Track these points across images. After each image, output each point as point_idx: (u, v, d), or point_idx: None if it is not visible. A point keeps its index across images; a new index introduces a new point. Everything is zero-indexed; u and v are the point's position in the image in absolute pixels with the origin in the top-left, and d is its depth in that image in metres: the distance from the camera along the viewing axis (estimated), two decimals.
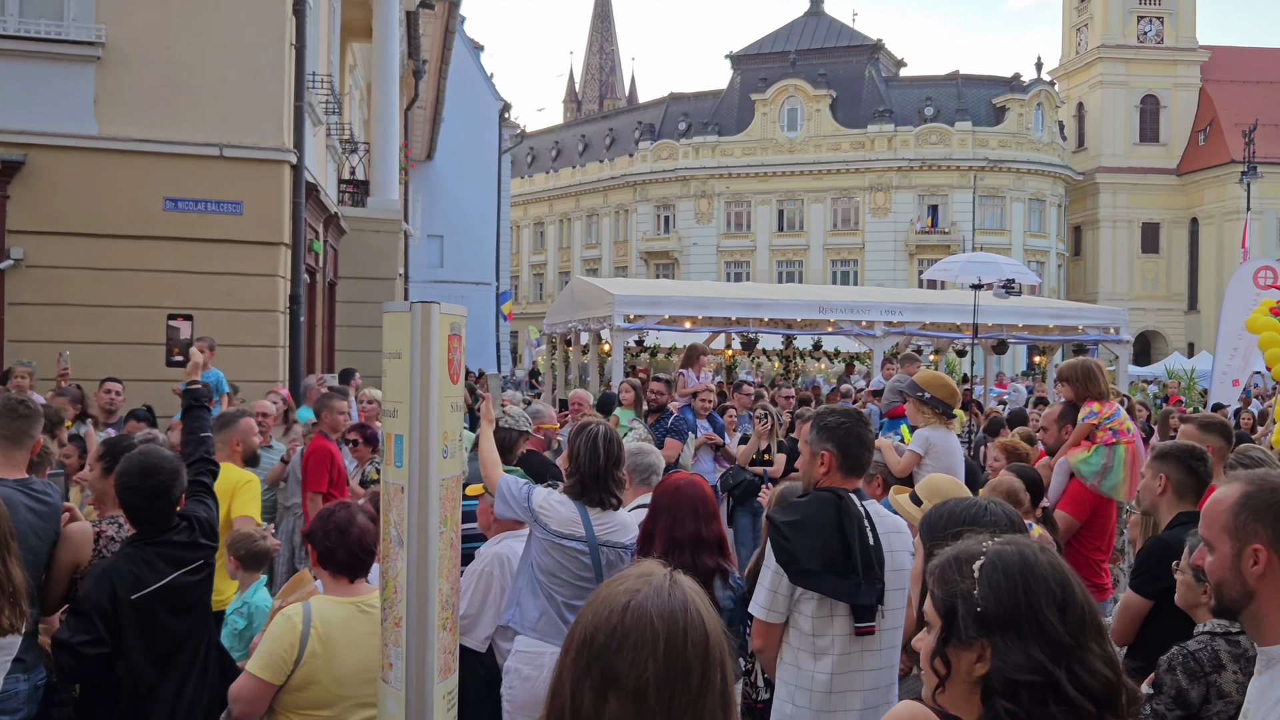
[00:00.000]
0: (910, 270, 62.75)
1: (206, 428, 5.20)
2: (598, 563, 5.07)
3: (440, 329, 3.36)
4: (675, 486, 5.03)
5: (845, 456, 4.37)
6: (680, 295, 18.86)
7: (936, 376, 7.24)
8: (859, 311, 18.92)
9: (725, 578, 4.93)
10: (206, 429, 5.20)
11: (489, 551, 5.49)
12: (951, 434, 7.14)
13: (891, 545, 4.36)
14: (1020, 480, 6.33)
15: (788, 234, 66.42)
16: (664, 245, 68.76)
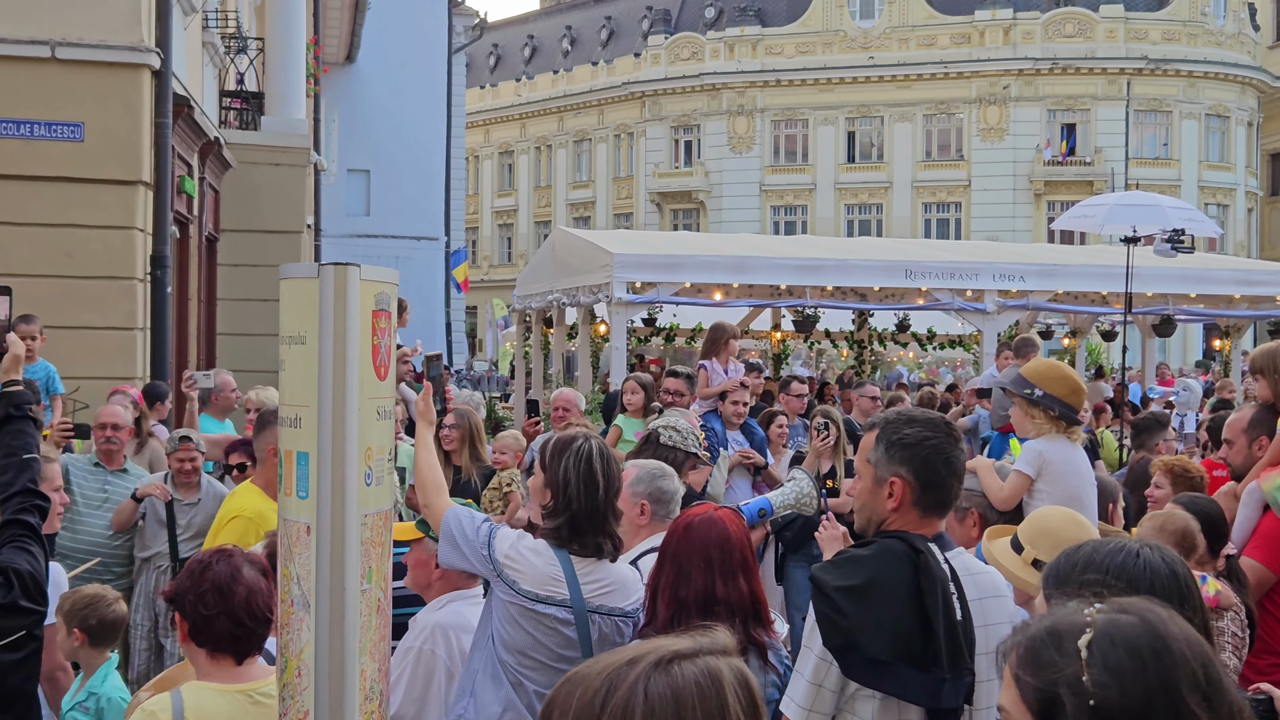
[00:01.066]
0: (1036, 217, 62.80)
1: (31, 446, 5.21)
2: (586, 637, 5.08)
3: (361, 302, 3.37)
4: (685, 525, 5.05)
5: (926, 487, 4.32)
6: (707, 254, 18.89)
7: (1053, 367, 7.23)
8: (962, 276, 18.94)
9: (763, 656, 4.94)
10: (31, 448, 5.21)
11: (429, 621, 5.49)
12: (1076, 448, 7.12)
13: (987, 617, 4.30)
14: (1193, 517, 6.35)
15: (861, 167, 66.48)
16: (684, 183, 68.86)
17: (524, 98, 78.19)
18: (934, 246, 24.53)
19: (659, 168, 69.78)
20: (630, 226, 70.13)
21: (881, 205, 66.09)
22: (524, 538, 5.18)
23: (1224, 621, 6.04)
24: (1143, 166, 63.26)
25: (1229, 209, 65.36)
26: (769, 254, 19.62)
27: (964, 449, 4.43)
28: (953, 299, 18.81)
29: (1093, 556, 2.94)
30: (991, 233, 61.20)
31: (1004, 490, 6.73)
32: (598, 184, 73.99)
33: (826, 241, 27.22)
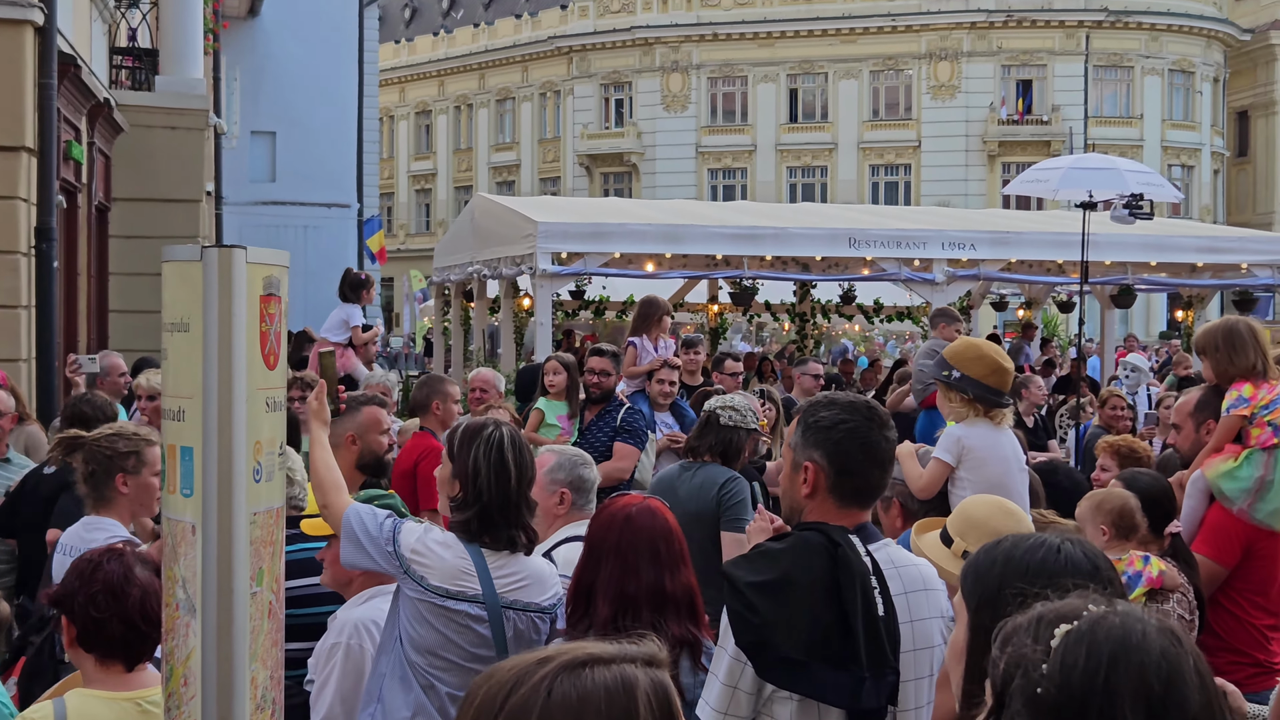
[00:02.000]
0: (990, 179, 63.25)
1: None
2: (500, 635, 5.12)
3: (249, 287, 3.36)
4: (625, 516, 5.07)
5: (841, 473, 4.33)
6: (638, 223, 18.93)
7: (971, 346, 7.27)
8: (910, 245, 19.06)
9: (698, 655, 4.99)
10: None
11: (351, 617, 5.52)
12: (1001, 432, 7.16)
13: (914, 612, 4.34)
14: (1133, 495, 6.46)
15: (804, 127, 66.70)
16: (615, 145, 68.87)
17: (442, 53, 77.89)
18: (880, 213, 24.63)
19: (588, 128, 69.72)
20: (557, 192, 70.10)
21: (826, 168, 66.35)
22: (431, 530, 5.21)
23: (1169, 604, 6.16)
24: (1103, 125, 63.80)
25: (1194, 170, 66.09)
26: (704, 222, 19.69)
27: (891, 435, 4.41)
28: (900, 269, 18.93)
29: (1012, 553, 2.99)
30: (943, 197, 61.53)
31: (922, 478, 6.77)
32: (522, 146, 73.86)
33: (766, 208, 27.26)
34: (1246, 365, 7.24)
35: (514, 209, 19.52)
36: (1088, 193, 16.09)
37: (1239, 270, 20.71)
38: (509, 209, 19.77)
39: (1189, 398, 7.67)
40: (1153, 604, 6.17)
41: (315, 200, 43.14)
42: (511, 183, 73.71)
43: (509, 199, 25.34)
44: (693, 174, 67.32)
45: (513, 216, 19.00)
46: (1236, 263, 20.67)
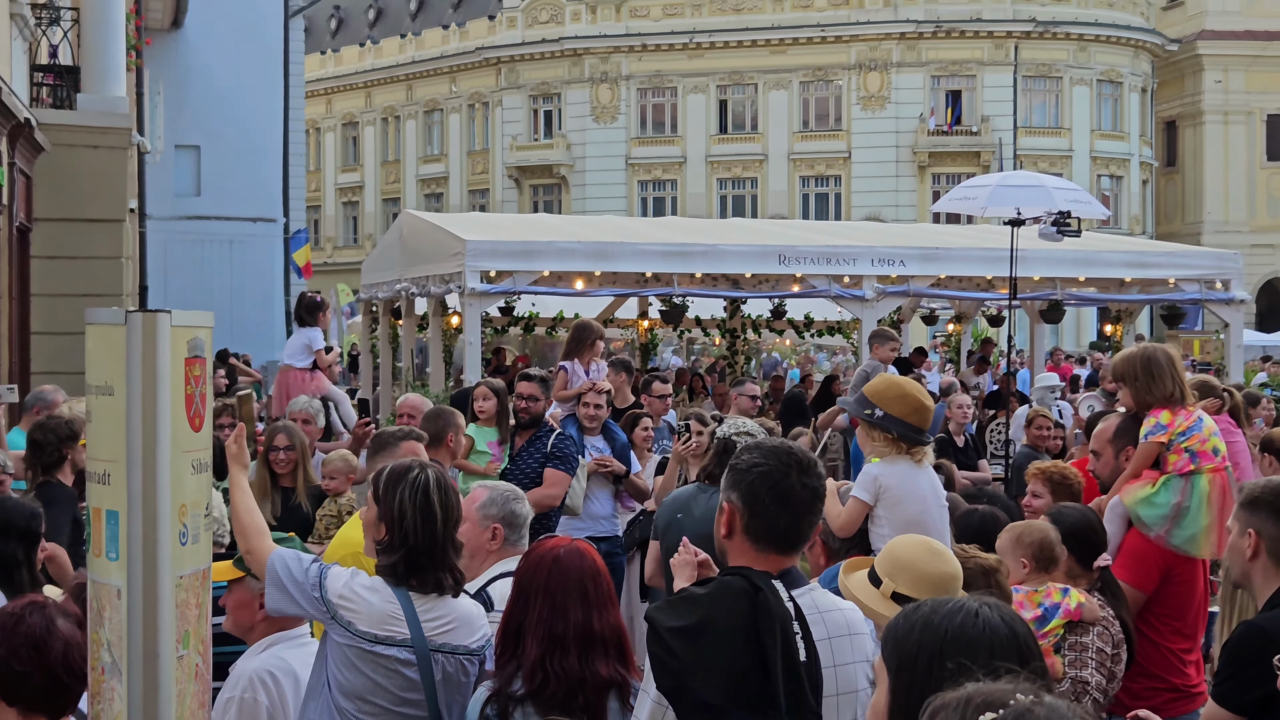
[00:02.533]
0: (921, 190, 63.58)
1: None
2: (429, 678, 5.16)
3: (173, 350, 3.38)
4: (554, 557, 5.12)
5: (752, 516, 4.41)
6: (567, 240, 18.97)
7: (893, 385, 7.24)
8: (840, 262, 19.19)
9: (626, 695, 5.03)
10: None
11: (247, 668, 5.53)
12: (920, 470, 7.15)
13: (837, 657, 4.43)
14: (1053, 527, 6.57)
15: (733, 138, 66.88)
16: (544, 156, 68.82)
17: (369, 64, 77.59)
18: (809, 229, 24.82)
19: (517, 140, 69.64)
20: (486, 204, 70.00)
21: (756, 179, 66.51)
22: (358, 575, 5.24)
23: (1089, 637, 6.27)
24: (1032, 136, 64.28)
25: (1123, 180, 66.69)
26: (634, 239, 19.73)
27: (811, 481, 4.47)
28: (830, 286, 19.06)
29: (931, 617, 3.05)
30: (873, 208, 61.83)
31: (841, 516, 6.85)
32: (451, 158, 73.67)
33: (696, 224, 27.36)
34: (1164, 393, 7.41)
35: (442, 226, 19.52)
36: (1016, 210, 16.30)
37: (1166, 285, 20.95)
38: (437, 226, 19.76)
39: (1108, 424, 7.83)
40: (1072, 636, 6.29)
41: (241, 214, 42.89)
42: (440, 195, 73.51)
43: (437, 216, 25.35)
44: (623, 185, 67.35)
45: (441, 234, 18.99)
46: (1164, 277, 20.90)
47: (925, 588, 4.65)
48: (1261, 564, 5.03)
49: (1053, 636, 6.25)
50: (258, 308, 42.38)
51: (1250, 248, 60.70)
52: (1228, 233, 66.29)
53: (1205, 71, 69.92)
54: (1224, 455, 7.52)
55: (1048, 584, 6.37)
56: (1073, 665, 6.22)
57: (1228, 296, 20.58)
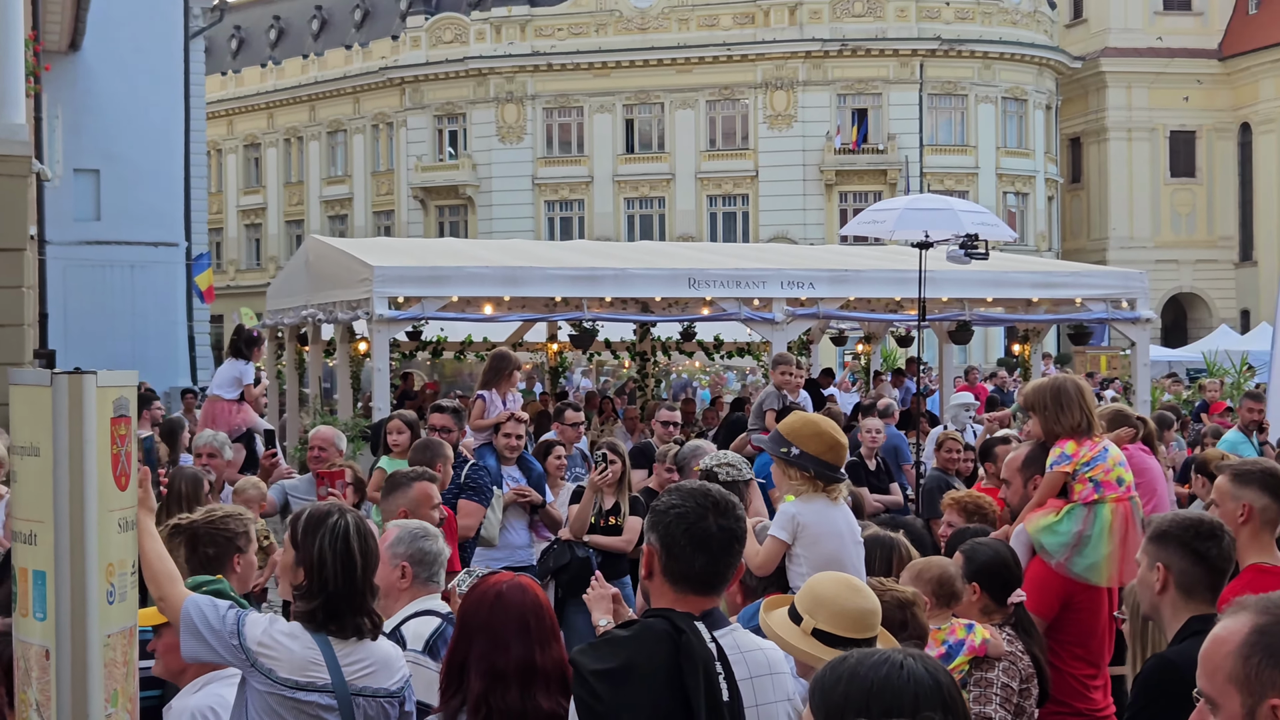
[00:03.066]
0: (828, 209, 64.01)
1: None
2: None
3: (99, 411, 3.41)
4: (496, 593, 5.20)
5: (669, 557, 4.54)
6: (476, 265, 19.02)
7: (808, 423, 7.30)
8: (749, 285, 19.33)
9: None
10: None
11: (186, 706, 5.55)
12: (836, 507, 7.22)
13: (759, 696, 4.55)
14: (951, 562, 6.71)
15: (640, 158, 67.10)
16: (450, 177, 68.73)
17: (271, 85, 77.16)
18: (719, 252, 24.90)
19: (422, 161, 69.45)
20: (391, 225, 69.77)
21: (664, 199, 66.73)
22: (276, 621, 5.28)
23: (994, 673, 6.40)
24: (938, 154, 64.93)
25: (1029, 197, 67.45)
26: (543, 264, 19.82)
27: (729, 524, 4.59)
28: (739, 309, 19.19)
29: (856, 669, 3.15)
30: (781, 227, 62.23)
31: (759, 555, 6.93)
32: (355, 179, 73.40)
33: (605, 248, 27.44)
34: (1072, 423, 7.61)
35: (349, 252, 19.50)
36: (924, 233, 16.51)
37: (1073, 304, 21.26)
38: (344, 252, 19.74)
39: (1017, 454, 8.02)
40: (977, 671, 6.43)
41: (142, 239, 42.50)
42: (344, 216, 73.20)
43: (344, 241, 25.30)
44: (530, 206, 67.36)
45: (347, 260, 18.98)
46: (1071, 297, 21.21)
47: (845, 623, 4.77)
48: (1170, 598, 5.15)
49: (957, 673, 6.36)
50: (160, 333, 42.04)
51: (1155, 263, 61.82)
52: (1133, 248, 67.41)
53: (1109, 89, 71.02)
54: (1129, 485, 7.70)
55: (952, 620, 6.52)
56: (977, 701, 6.35)
57: (1133, 316, 20.88)
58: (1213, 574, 5.15)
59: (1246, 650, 3.00)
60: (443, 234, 65.05)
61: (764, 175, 65.09)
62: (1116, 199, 70.97)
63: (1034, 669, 6.57)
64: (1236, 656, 3.00)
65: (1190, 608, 5.09)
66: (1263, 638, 3.00)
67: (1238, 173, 71.75)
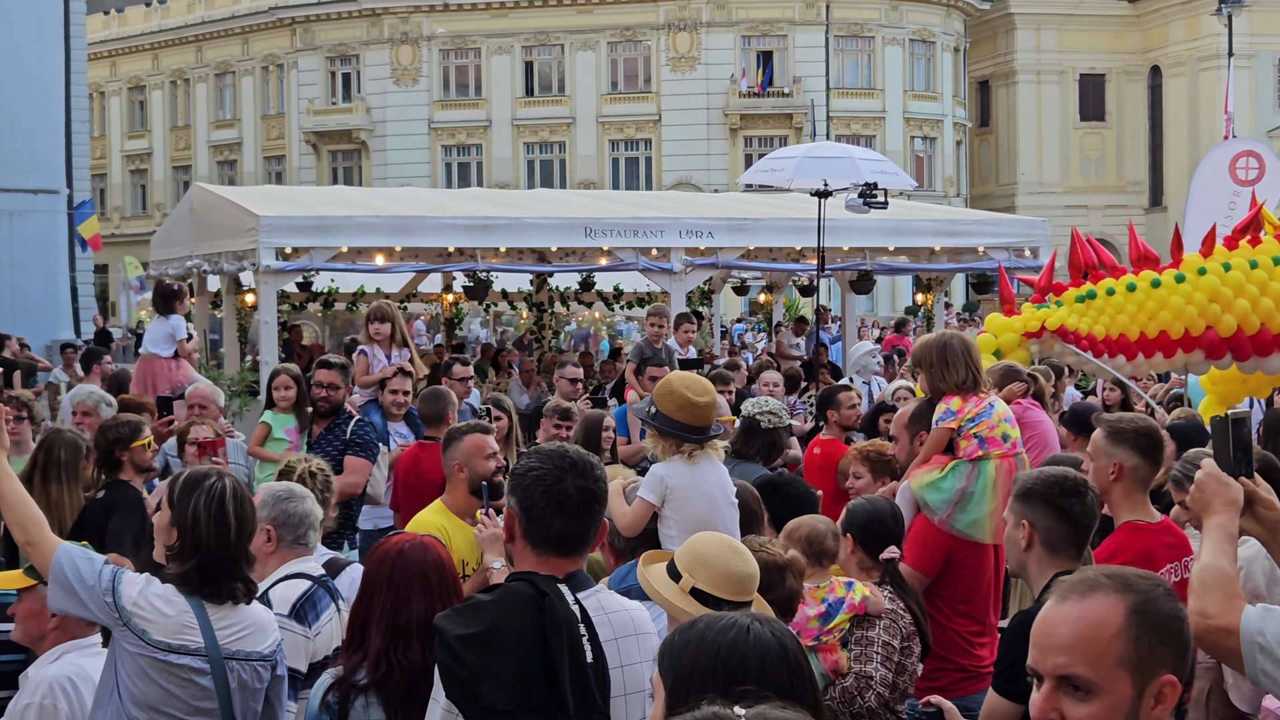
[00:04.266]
0: (733, 154, 64.19)
1: None
2: (224, 687, 5.29)
3: None
4: (398, 551, 5.35)
5: (529, 520, 4.64)
6: (367, 215, 18.96)
7: (665, 382, 7.39)
8: (647, 234, 19.41)
9: None
10: None
11: (44, 675, 5.58)
12: (706, 466, 7.25)
13: (624, 657, 4.68)
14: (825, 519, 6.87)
15: (540, 101, 67.02)
16: (343, 121, 68.29)
17: (155, 25, 76.27)
18: (617, 200, 24.97)
19: (314, 104, 68.97)
20: (283, 171, 69.32)
21: (564, 143, 66.63)
22: (152, 583, 5.32)
23: (875, 630, 6.57)
24: (845, 97, 65.22)
25: (936, 141, 67.93)
26: (436, 213, 19.81)
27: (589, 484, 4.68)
28: (637, 258, 19.28)
29: (705, 634, 3.28)
30: (685, 172, 62.39)
31: (626, 516, 7.00)
32: (244, 123, 72.75)
33: (500, 196, 27.41)
34: (957, 380, 7.80)
35: (234, 200, 19.39)
36: (823, 182, 16.66)
37: (976, 253, 21.48)
38: (229, 200, 19.62)
39: (905, 410, 8.22)
40: (858, 630, 6.58)
41: (20, 186, 41.94)
42: (233, 162, 72.60)
43: (230, 190, 25.12)
44: (426, 151, 67.09)
45: (233, 209, 18.87)
46: (973, 245, 21.42)
47: (724, 585, 4.86)
48: (1036, 554, 5.33)
49: (838, 631, 6.52)
50: (39, 285, 41.55)
51: (1064, 209, 62.51)
52: (1042, 194, 68.13)
53: (1018, 30, 71.63)
54: (1014, 442, 7.88)
55: (831, 578, 6.66)
56: (858, 660, 6.50)
57: (1035, 264, 21.07)
58: (1077, 530, 5.34)
59: (1135, 631, 3.11)
60: (336, 180, 64.66)
61: (667, 120, 65.14)
62: (1026, 143, 71.63)
63: (914, 626, 6.73)
64: (1124, 639, 3.11)
65: (1055, 564, 5.26)
66: (1144, 617, 3.12)
67: (1148, 116, 72.57)
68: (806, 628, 6.42)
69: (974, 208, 56.41)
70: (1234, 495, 4.61)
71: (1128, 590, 3.16)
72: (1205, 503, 4.63)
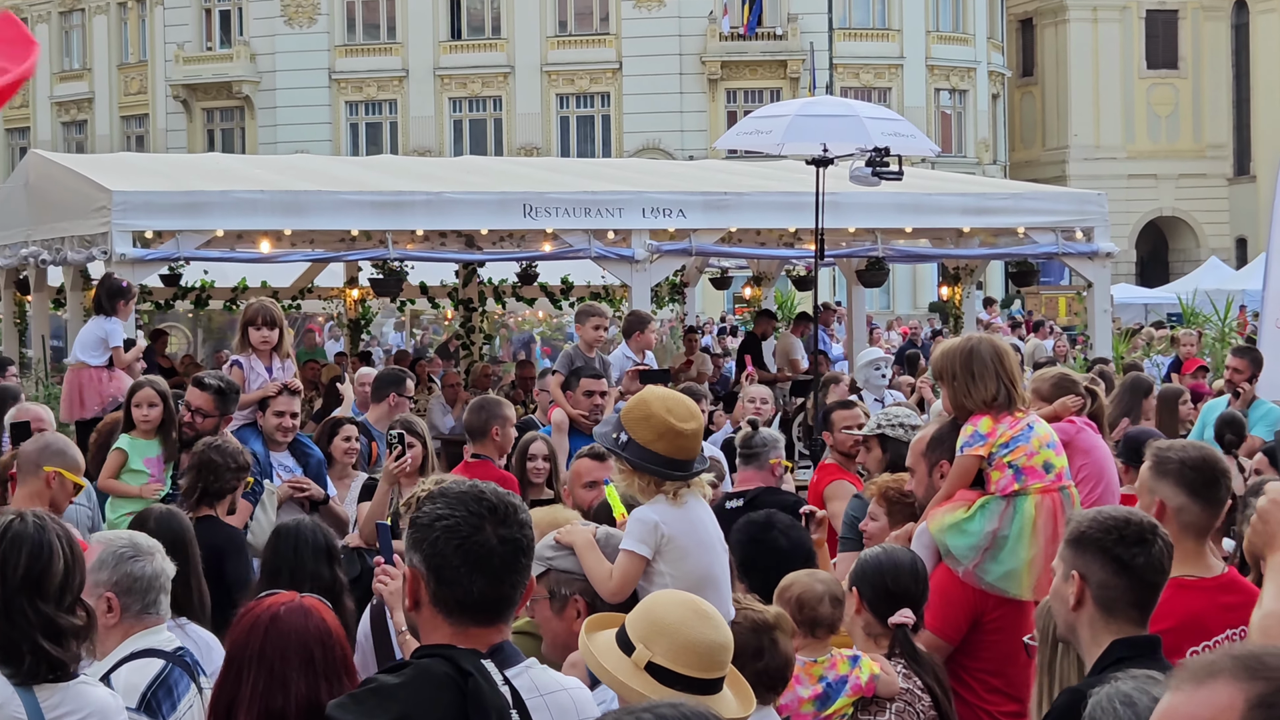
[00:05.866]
0: (712, 111, 64.14)
1: None
2: None
3: None
4: (271, 617, 5.27)
5: (440, 582, 4.55)
6: (249, 189, 18.90)
7: (640, 403, 7.12)
8: (603, 213, 19.32)
9: None
10: None
11: None
12: (695, 507, 7.06)
13: None
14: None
15: (470, 45, 66.84)
16: (221, 71, 68.05)
17: None
18: (563, 170, 24.85)
19: (184, 50, 68.66)
20: (145, 134, 69.28)
21: (500, 99, 66.43)
22: None
23: (885, 717, 6.51)
24: (852, 40, 65.17)
25: (968, 95, 67.85)
26: (335, 187, 19.74)
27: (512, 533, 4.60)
28: (589, 243, 19.17)
29: None
30: (652, 135, 62.30)
31: (614, 578, 6.63)
32: (96, 74, 72.48)
33: (417, 166, 27.24)
34: (986, 395, 7.69)
35: (81, 172, 19.29)
36: (822, 146, 16.61)
37: (1015, 235, 21.43)
38: (75, 172, 19.51)
39: (922, 435, 8.07)
40: (864, 716, 6.53)
41: None
42: (83, 124, 72.30)
43: (75, 159, 25.05)
44: (326, 109, 66.84)
45: (80, 182, 18.78)
46: (1011, 226, 21.37)
47: (688, 659, 4.79)
48: (1088, 615, 5.21)
49: (839, 718, 6.48)
50: None
51: (1127, 179, 62.77)
52: (1100, 159, 68.13)
53: None
54: (1059, 472, 7.76)
55: (833, 651, 6.60)
56: None
57: (1090, 249, 21.04)
58: (1140, 588, 5.22)
59: None
60: (212, 146, 64.56)
61: (629, 68, 64.96)
62: (1079, 97, 71.59)
63: (935, 710, 6.67)
64: None
65: (1112, 629, 5.17)
66: (1272, 712, 2.95)
67: (1231, 64, 72.62)
68: (799, 712, 6.38)
69: (1014, 178, 56.49)
70: None
71: (1253, 677, 2.98)
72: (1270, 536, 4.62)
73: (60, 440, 9.71)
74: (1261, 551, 4.69)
